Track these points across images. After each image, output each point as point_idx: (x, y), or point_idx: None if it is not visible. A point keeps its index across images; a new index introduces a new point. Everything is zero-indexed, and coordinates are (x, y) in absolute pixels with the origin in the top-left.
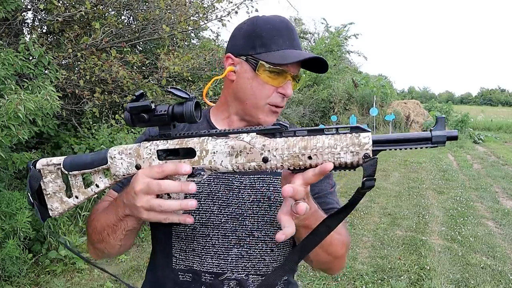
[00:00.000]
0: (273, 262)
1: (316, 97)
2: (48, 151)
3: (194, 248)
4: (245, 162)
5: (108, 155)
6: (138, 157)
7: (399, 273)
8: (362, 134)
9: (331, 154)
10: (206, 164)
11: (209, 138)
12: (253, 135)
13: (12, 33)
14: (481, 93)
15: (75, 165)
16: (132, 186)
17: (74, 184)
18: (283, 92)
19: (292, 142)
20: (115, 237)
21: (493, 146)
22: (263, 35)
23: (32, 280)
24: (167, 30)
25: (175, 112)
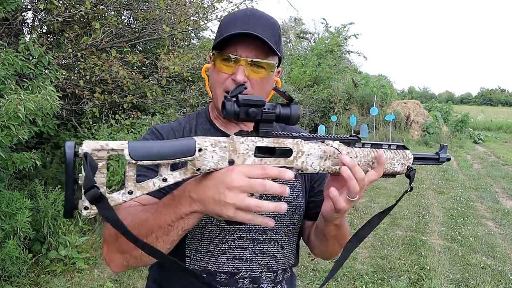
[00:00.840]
0: (283, 258)
1: (316, 97)
2: (48, 151)
3: (209, 249)
4: (330, 165)
5: (196, 146)
6: (234, 152)
7: (399, 273)
8: (406, 151)
9: (390, 164)
10: (299, 164)
11: (301, 140)
12: (338, 142)
13: (12, 33)
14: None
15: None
16: (221, 180)
17: (131, 177)
18: (234, 78)
19: (366, 152)
20: (166, 239)
21: (493, 146)
22: (221, 27)
23: (32, 280)
24: (167, 30)
25: (282, 113)
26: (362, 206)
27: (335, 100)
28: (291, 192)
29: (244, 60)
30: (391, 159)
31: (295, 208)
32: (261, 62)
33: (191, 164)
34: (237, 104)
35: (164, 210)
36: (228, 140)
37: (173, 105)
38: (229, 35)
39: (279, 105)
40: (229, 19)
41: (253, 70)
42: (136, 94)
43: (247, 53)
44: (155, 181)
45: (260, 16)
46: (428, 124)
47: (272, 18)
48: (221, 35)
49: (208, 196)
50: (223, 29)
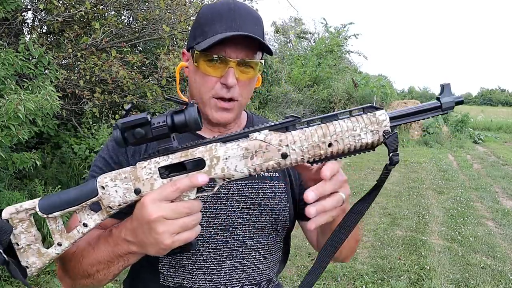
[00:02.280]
0: (266, 269)
1: (316, 97)
2: (48, 151)
3: (183, 264)
4: (262, 163)
5: (97, 185)
6: (136, 180)
7: (399, 273)
8: (377, 112)
9: (351, 137)
10: (219, 172)
11: (217, 143)
12: (266, 132)
13: (12, 33)
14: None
15: (55, 205)
16: (141, 217)
17: (55, 229)
18: (224, 81)
19: (309, 132)
20: (107, 272)
21: (493, 146)
22: (202, 22)
23: (32, 280)
24: (167, 30)
25: (176, 122)
26: None
27: (335, 100)
28: (272, 196)
29: (234, 61)
30: (351, 130)
31: (278, 214)
32: (251, 62)
33: (102, 203)
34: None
35: (103, 247)
36: (129, 169)
37: (173, 105)
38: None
39: (170, 115)
40: (210, 11)
41: (242, 70)
42: (136, 94)
43: (236, 53)
44: (78, 228)
45: (244, 10)
46: (428, 124)
47: (254, 11)
48: (203, 32)
49: (141, 238)
50: (205, 25)
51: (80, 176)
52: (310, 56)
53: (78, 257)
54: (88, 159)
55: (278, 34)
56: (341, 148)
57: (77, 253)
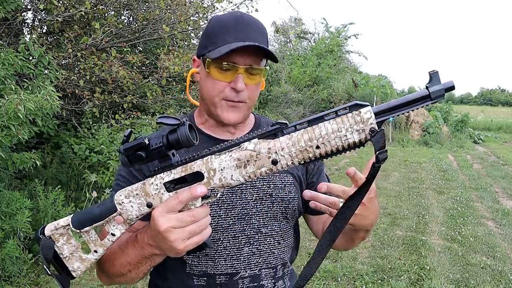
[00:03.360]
0: (281, 253)
1: (316, 97)
2: (48, 151)
3: (207, 253)
4: (255, 170)
5: (115, 203)
6: (147, 196)
7: (399, 273)
8: (362, 110)
9: (338, 138)
10: (217, 183)
11: (212, 156)
12: (255, 141)
13: (12, 33)
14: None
15: (85, 222)
16: (154, 228)
17: (89, 239)
18: (233, 86)
19: (296, 137)
20: (138, 272)
21: (493, 146)
22: (212, 32)
23: (32, 280)
24: (167, 30)
25: (170, 141)
26: None
27: (335, 100)
28: (282, 187)
29: (243, 68)
30: (336, 131)
31: (288, 203)
32: (257, 68)
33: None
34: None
35: (131, 251)
36: (139, 186)
37: (173, 105)
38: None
39: (165, 135)
40: (219, 25)
41: (249, 77)
42: (136, 94)
43: (244, 61)
44: (108, 237)
45: (251, 21)
46: (428, 124)
47: (259, 21)
48: (213, 42)
49: (158, 245)
50: (215, 37)
51: (80, 176)
52: (310, 56)
53: (111, 259)
54: (88, 159)
55: (278, 34)
56: (328, 149)
57: (110, 256)
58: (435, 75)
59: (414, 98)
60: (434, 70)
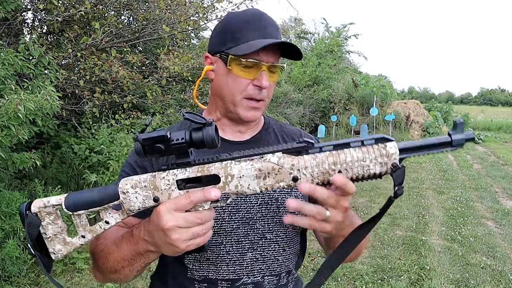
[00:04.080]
0: (285, 261)
1: (316, 97)
2: (48, 151)
3: (208, 257)
4: (273, 183)
5: (119, 190)
6: (156, 189)
7: (399, 273)
8: (388, 144)
9: (360, 167)
10: (232, 189)
11: (232, 162)
12: (279, 155)
13: (12, 33)
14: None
15: (81, 205)
16: (157, 224)
17: (79, 223)
18: (258, 84)
19: (321, 158)
20: (131, 269)
21: (493, 146)
22: (232, 29)
23: (32, 280)
24: (167, 30)
25: (194, 139)
26: (362, 206)
27: (335, 100)
28: (288, 192)
29: (266, 65)
30: (361, 160)
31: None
32: (278, 66)
33: (122, 206)
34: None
35: (125, 246)
36: (149, 178)
37: (173, 105)
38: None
39: (189, 132)
40: (239, 21)
41: (271, 74)
42: (136, 94)
43: (267, 58)
44: (100, 224)
45: (269, 18)
46: (428, 124)
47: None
48: (234, 38)
49: (155, 241)
50: (236, 32)
51: (80, 176)
52: (310, 56)
53: (105, 254)
54: (88, 159)
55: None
56: (349, 176)
57: (105, 251)
58: (460, 125)
59: (437, 142)
60: (460, 120)
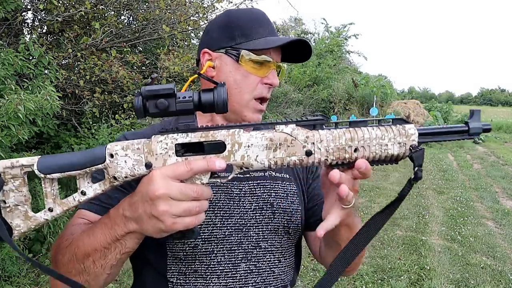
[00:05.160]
0: (281, 273)
1: (316, 97)
2: (48, 151)
3: (196, 269)
4: (284, 157)
5: (107, 152)
6: (150, 153)
7: (399, 273)
8: (406, 125)
9: (378, 145)
10: (238, 160)
11: (241, 130)
12: (293, 126)
13: (12, 33)
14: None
15: (56, 166)
16: (145, 191)
17: (49, 193)
18: (269, 82)
19: (337, 133)
20: (104, 263)
21: (493, 146)
22: (242, 25)
23: (32, 280)
24: (167, 30)
25: (203, 100)
26: (362, 206)
27: (335, 100)
28: (284, 196)
29: (275, 64)
30: (379, 138)
31: (291, 216)
32: (282, 67)
33: (107, 172)
34: (142, 97)
35: (99, 231)
36: (143, 141)
37: None
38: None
39: (198, 92)
40: (245, 17)
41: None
42: None
43: (277, 57)
44: (75, 195)
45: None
46: (428, 124)
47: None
48: (244, 34)
49: (139, 213)
50: (245, 28)
51: None
52: None
53: (73, 248)
54: None
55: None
56: (366, 155)
57: (72, 245)
58: (477, 113)
59: (454, 130)
60: (477, 109)
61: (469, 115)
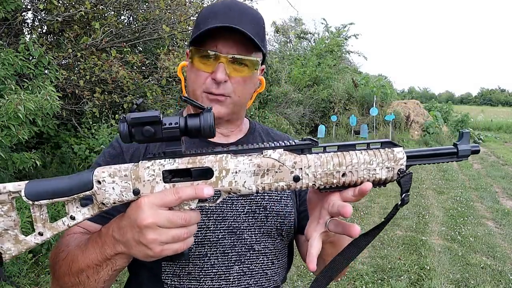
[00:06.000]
0: (274, 275)
1: (316, 97)
2: (48, 151)
3: (190, 271)
4: (272, 182)
5: (94, 179)
6: (137, 180)
7: (399, 273)
8: (395, 149)
9: (366, 170)
10: (226, 186)
11: (228, 155)
12: (281, 151)
13: (12, 33)
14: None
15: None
16: (133, 219)
17: (38, 217)
18: (213, 77)
19: (325, 158)
20: (97, 278)
21: (493, 146)
22: (199, 20)
23: (32, 280)
24: (167, 30)
25: (189, 126)
26: (362, 206)
27: (335, 100)
28: (277, 200)
29: (225, 57)
30: (367, 163)
31: (284, 219)
32: (244, 59)
33: (95, 198)
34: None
35: (91, 248)
36: (130, 167)
37: (173, 105)
38: (207, 29)
39: (184, 117)
40: (207, 11)
41: (235, 68)
42: (136, 94)
43: (228, 49)
44: (64, 220)
45: (242, 8)
46: (428, 124)
47: (255, 11)
48: (199, 29)
49: (128, 238)
50: (201, 23)
51: None
52: (310, 56)
53: (68, 262)
54: (88, 159)
55: (278, 34)
56: (354, 179)
57: (67, 259)
58: (467, 135)
59: (443, 152)
60: (466, 130)
61: (458, 137)
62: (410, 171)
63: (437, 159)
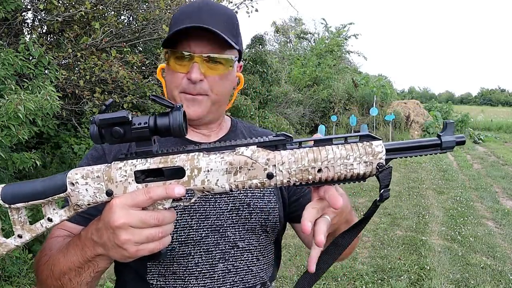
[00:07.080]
0: (260, 271)
1: (316, 97)
2: (48, 151)
3: (174, 271)
4: (245, 180)
5: (67, 181)
6: (109, 181)
7: (399, 273)
8: (374, 142)
9: (343, 165)
10: (198, 185)
11: (200, 154)
12: (254, 148)
13: (12, 33)
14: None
15: (20, 196)
16: (107, 221)
17: (16, 220)
18: (188, 77)
19: (299, 154)
20: (79, 281)
21: (493, 146)
22: (173, 22)
23: (32, 280)
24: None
25: (158, 125)
26: (362, 206)
27: (335, 100)
28: (261, 196)
29: (199, 57)
30: (344, 158)
31: (268, 215)
32: (218, 58)
33: (70, 200)
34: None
35: (72, 251)
36: (103, 168)
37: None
38: (177, 30)
39: (153, 116)
40: (180, 13)
41: (210, 66)
42: (136, 94)
43: (201, 49)
44: (42, 222)
45: (213, 7)
46: (428, 124)
47: (227, 9)
48: (170, 29)
49: (104, 240)
50: (173, 25)
51: None
52: (310, 56)
53: (50, 266)
54: None
55: (278, 34)
56: (330, 175)
57: (49, 262)
58: (451, 125)
59: (426, 144)
60: (450, 120)
61: (442, 127)
62: (390, 165)
63: (419, 152)
